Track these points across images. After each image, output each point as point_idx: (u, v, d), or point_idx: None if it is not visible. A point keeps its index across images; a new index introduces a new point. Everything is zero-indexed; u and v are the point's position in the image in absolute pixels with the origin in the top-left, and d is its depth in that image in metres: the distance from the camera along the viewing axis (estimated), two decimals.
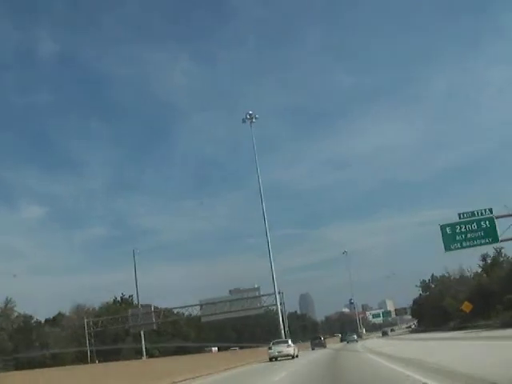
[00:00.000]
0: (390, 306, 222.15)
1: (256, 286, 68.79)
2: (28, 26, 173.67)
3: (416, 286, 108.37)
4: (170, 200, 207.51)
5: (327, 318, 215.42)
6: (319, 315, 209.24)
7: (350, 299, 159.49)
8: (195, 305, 67.41)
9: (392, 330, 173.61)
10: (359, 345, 61.80)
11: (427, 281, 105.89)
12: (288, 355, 40.12)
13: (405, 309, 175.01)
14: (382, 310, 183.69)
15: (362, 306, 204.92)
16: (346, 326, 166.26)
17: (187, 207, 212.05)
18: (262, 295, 65.12)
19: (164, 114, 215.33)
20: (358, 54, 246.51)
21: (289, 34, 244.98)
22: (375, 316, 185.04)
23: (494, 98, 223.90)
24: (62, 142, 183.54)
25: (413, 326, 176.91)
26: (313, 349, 67.79)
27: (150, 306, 69.14)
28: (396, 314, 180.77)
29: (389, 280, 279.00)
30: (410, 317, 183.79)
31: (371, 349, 40.06)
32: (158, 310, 70.67)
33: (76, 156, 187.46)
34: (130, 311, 68.46)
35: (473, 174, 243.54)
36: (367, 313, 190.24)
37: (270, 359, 39.97)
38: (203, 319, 69.29)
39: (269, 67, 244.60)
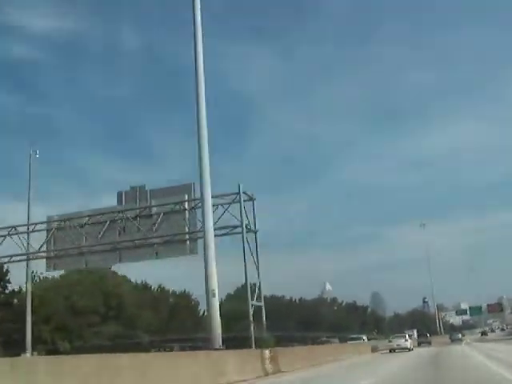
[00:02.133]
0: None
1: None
2: (112, 20, 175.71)
3: None
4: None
5: (396, 315, 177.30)
6: (390, 314, 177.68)
7: (424, 298, 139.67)
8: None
9: (492, 331, 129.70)
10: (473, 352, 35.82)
11: None
12: (405, 348, 47.01)
13: (500, 304, 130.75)
14: (469, 305, 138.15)
15: (437, 305, 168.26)
16: (418, 324, 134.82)
17: (262, 202, 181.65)
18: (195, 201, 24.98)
19: (242, 108, 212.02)
20: (438, 49, 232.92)
21: (368, 30, 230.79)
22: (459, 313, 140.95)
23: None
24: (143, 134, 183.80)
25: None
26: (418, 344, 68.08)
27: None
28: (489, 311, 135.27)
29: (465, 282, 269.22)
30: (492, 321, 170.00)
31: None
32: None
33: (156, 148, 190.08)
34: None
35: None
36: (444, 313, 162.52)
37: (390, 351, 46.75)
38: (50, 268, 30.43)
39: (347, 63, 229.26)
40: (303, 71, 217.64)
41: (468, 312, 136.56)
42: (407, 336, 52.61)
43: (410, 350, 47.11)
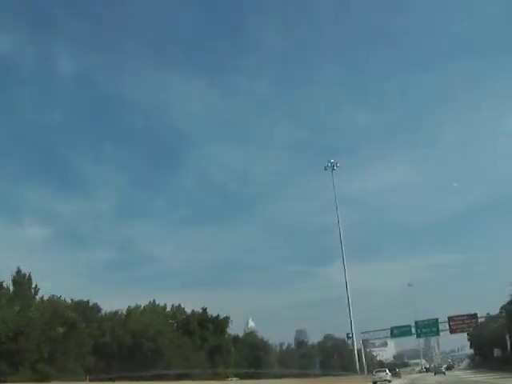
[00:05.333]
0: (391, 349, 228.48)
1: None
2: (47, 44, 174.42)
3: None
4: (175, 228, 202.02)
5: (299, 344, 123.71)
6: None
7: (348, 333, 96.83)
8: None
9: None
10: None
11: None
12: (386, 380, 58.07)
13: (475, 316, 68.19)
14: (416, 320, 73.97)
15: (363, 341, 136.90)
16: (337, 358, 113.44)
17: (193, 236, 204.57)
18: None
19: (176, 141, 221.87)
20: (372, 93, 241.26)
21: (305, 69, 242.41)
22: (396, 334, 76.96)
23: (507, 144, 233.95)
24: (72, 163, 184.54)
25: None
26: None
27: None
28: (451, 330, 71.63)
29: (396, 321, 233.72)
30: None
31: None
32: None
33: (85, 178, 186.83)
34: None
35: (481, 219, 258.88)
36: (369, 349, 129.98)
37: (374, 383, 56.35)
38: None
39: (283, 101, 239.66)
40: (239, 106, 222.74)
41: (413, 330, 73.07)
42: (387, 370, 65.31)
43: (389, 381, 58.26)
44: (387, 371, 63.76)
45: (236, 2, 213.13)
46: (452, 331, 73.40)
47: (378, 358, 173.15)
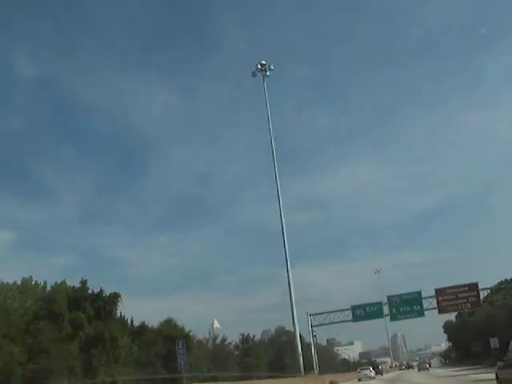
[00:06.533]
0: (358, 347, 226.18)
1: None
2: (6, 46, 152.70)
3: None
4: (141, 233, 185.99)
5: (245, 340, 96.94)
6: None
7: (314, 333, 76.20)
8: None
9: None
10: None
11: None
12: (370, 377, 62.08)
13: (475, 286, 45.80)
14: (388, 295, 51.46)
15: (327, 340, 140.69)
16: (283, 353, 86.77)
17: (159, 241, 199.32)
18: None
19: (140, 145, 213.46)
20: (336, 94, 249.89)
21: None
22: (361, 316, 54.28)
23: (468, 143, 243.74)
24: (35, 169, 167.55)
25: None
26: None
27: None
28: (440, 309, 49.29)
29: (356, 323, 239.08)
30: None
31: None
32: None
33: (48, 184, 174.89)
34: None
35: (447, 217, 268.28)
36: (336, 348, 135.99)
37: (358, 379, 59.69)
38: None
39: (247, 103, 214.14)
40: (203, 109, 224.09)
41: (387, 309, 50.79)
42: (371, 368, 70.14)
43: (373, 378, 62.11)
44: (371, 369, 67.92)
45: (198, 3, 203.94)
46: (442, 310, 51.06)
47: (342, 357, 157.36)
